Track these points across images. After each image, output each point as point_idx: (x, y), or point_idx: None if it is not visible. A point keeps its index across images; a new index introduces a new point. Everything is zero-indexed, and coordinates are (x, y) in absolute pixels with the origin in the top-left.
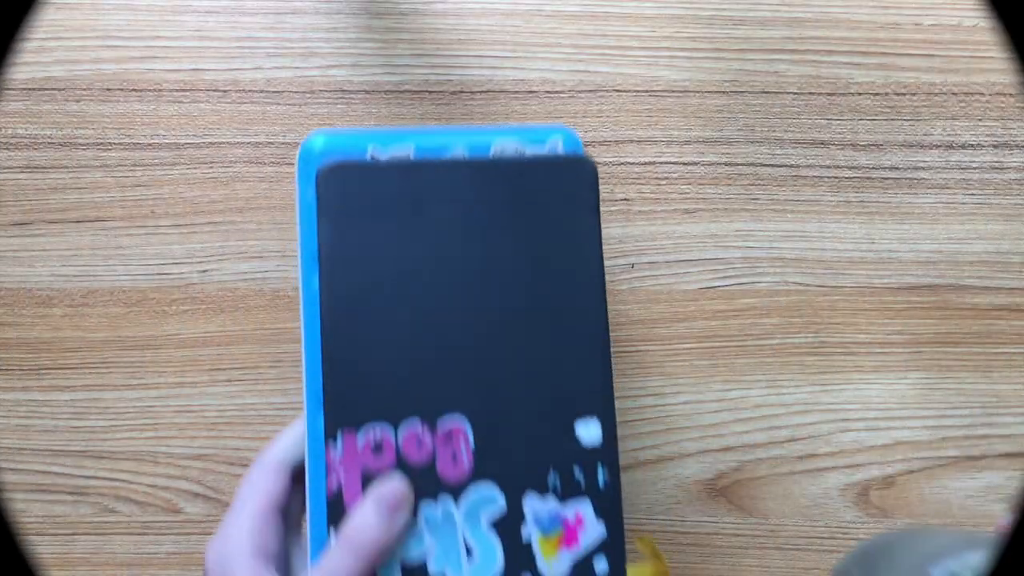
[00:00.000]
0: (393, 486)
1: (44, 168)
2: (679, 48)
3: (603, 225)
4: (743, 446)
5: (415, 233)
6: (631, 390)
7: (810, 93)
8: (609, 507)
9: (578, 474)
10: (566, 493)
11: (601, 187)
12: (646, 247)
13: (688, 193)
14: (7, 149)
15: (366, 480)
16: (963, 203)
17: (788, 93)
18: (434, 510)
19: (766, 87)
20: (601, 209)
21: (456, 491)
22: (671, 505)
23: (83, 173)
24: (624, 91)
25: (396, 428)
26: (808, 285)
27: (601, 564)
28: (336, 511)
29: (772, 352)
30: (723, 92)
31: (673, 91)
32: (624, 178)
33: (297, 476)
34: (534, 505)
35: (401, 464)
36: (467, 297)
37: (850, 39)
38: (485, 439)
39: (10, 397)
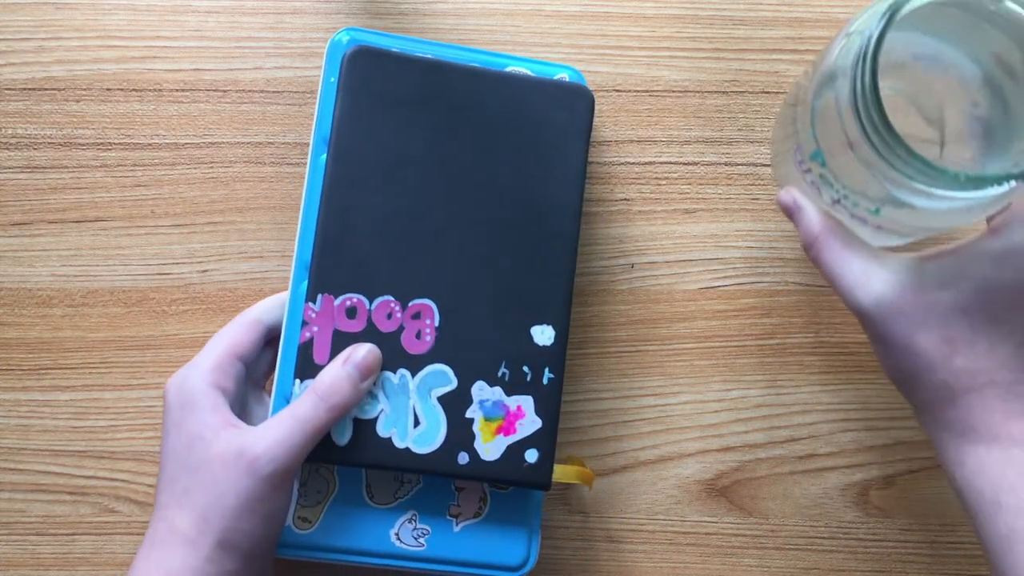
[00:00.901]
0: (367, 352)
1: (44, 168)
2: (679, 48)
3: (603, 225)
4: (743, 446)
5: (420, 126)
6: (631, 390)
7: None
8: (548, 406)
9: (527, 372)
10: (512, 387)
11: (601, 187)
12: (646, 247)
13: (688, 193)
14: (7, 149)
15: (336, 338)
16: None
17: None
18: (392, 378)
19: (766, 87)
20: (592, 145)
21: (415, 365)
22: (671, 505)
23: (83, 173)
24: (624, 91)
25: (371, 300)
26: (808, 285)
27: (532, 454)
28: (305, 362)
29: (772, 352)
30: (723, 92)
31: (673, 91)
32: (624, 178)
33: (270, 340)
34: (482, 391)
35: (370, 330)
36: (455, 196)
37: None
38: (448, 326)
39: (10, 397)
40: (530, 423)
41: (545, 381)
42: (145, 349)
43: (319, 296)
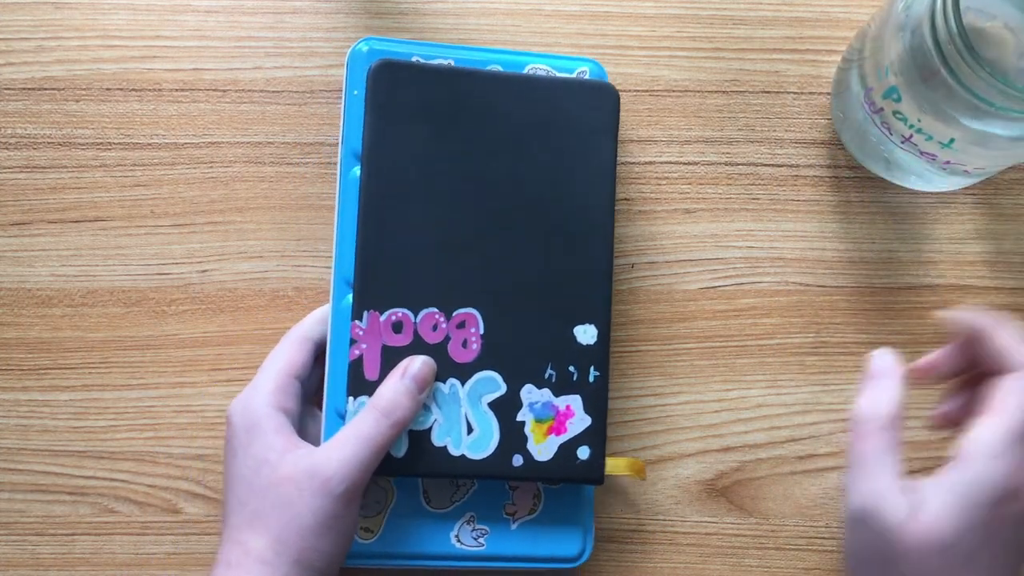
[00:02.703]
0: (422, 364)
1: (43, 168)
2: (679, 48)
3: None
4: (743, 446)
5: (450, 135)
6: (631, 390)
7: (810, 93)
8: (596, 403)
9: (573, 372)
10: (560, 387)
11: None
12: (646, 247)
13: (688, 193)
14: (6, 149)
15: (385, 354)
16: (963, 203)
17: (788, 93)
18: (442, 388)
19: (766, 87)
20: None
21: (463, 374)
22: (671, 505)
23: (82, 173)
24: (624, 91)
25: (416, 314)
26: (808, 285)
27: (584, 451)
28: (357, 379)
29: (772, 352)
30: (723, 92)
31: (673, 91)
32: (624, 178)
33: (318, 354)
34: (531, 394)
35: (417, 343)
36: (489, 202)
37: (850, 39)
38: (493, 333)
39: (10, 397)
40: (580, 421)
41: (591, 379)
42: (145, 349)
43: (365, 313)
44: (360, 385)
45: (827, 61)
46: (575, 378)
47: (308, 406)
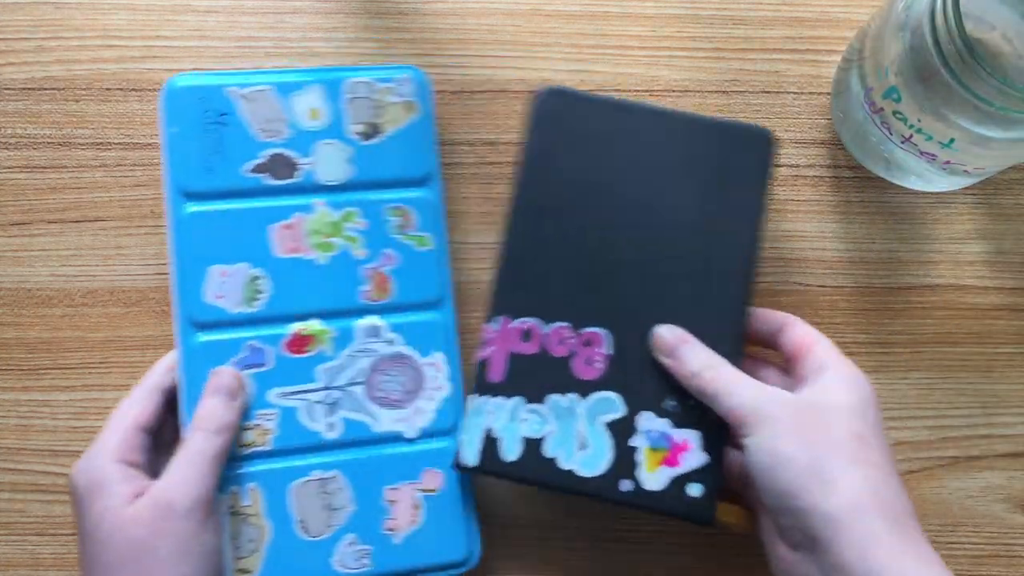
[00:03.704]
0: (227, 376)
1: (43, 168)
2: (679, 48)
3: None
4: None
5: (604, 163)
6: None
7: (810, 93)
8: (715, 443)
9: (694, 407)
10: (680, 420)
11: None
12: None
13: None
14: (6, 149)
15: (511, 360)
16: (963, 203)
17: (788, 93)
18: (561, 401)
19: (766, 87)
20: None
21: (584, 390)
22: None
23: (82, 173)
24: (624, 91)
25: (546, 325)
26: (808, 285)
27: (695, 488)
28: (481, 380)
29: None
30: (723, 92)
31: (673, 91)
32: None
33: (173, 401)
34: (649, 422)
35: (543, 354)
36: (634, 232)
37: (850, 39)
38: (619, 355)
39: (10, 397)
40: (695, 457)
41: (714, 417)
42: (145, 349)
43: (499, 318)
44: (484, 386)
45: (827, 61)
46: (696, 414)
47: (167, 459)
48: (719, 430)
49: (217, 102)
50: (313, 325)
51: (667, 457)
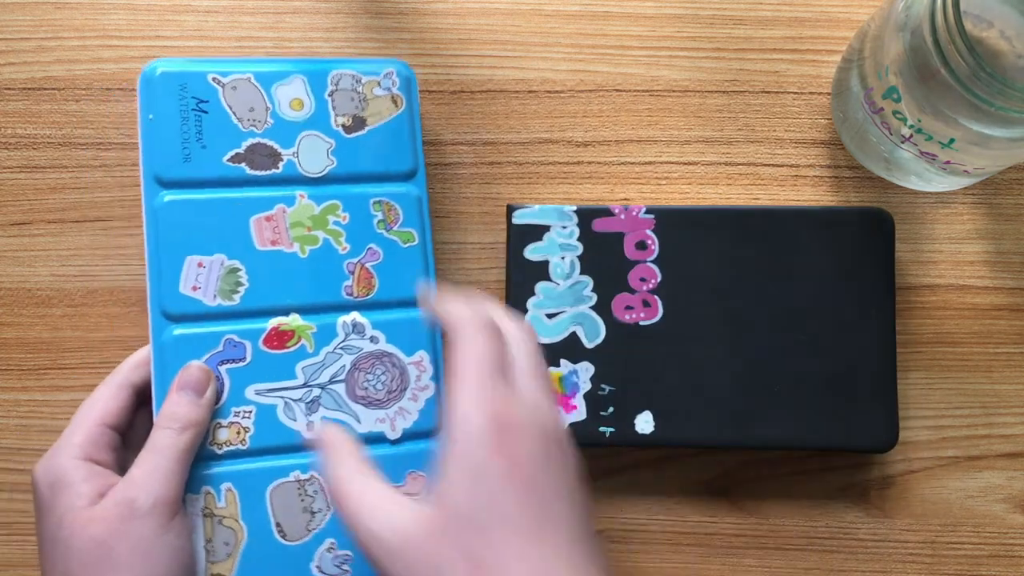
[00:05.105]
0: (195, 370)
1: (43, 168)
2: (679, 48)
3: None
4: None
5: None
6: None
7: (810, 93)
8: None
9: None
10: None
11: (601, 187)
12: None
13: (688, 193)
14: (6, 149)
15: None
16: (963, 203)
17: (788, 93)
18: None
19: (766, 87)
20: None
21: None
22: (671, 505)
23: (82, 173)
24: (624, 91)
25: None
26: None
27: None
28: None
29: None
30: (723, 92)
31: (673, 91)
32: (624, 178)
33: (143, 398)
34: None
35: None
36: (759, 327)
37: (850, 39)
38: None
39: (10, 397)
40: None
41: None
42: None
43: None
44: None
45: (827, 61)
46: None
47: (134, 453)
48: None
49: (198, 89)
50: (294, 320)
51: None
